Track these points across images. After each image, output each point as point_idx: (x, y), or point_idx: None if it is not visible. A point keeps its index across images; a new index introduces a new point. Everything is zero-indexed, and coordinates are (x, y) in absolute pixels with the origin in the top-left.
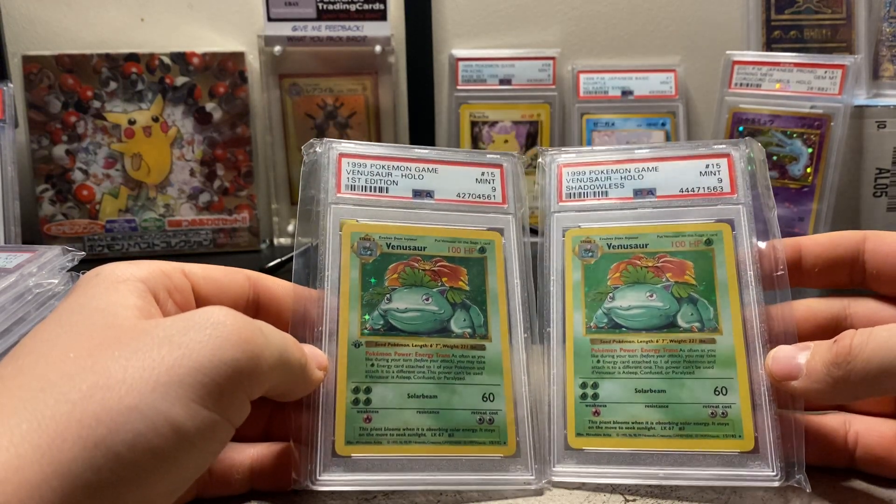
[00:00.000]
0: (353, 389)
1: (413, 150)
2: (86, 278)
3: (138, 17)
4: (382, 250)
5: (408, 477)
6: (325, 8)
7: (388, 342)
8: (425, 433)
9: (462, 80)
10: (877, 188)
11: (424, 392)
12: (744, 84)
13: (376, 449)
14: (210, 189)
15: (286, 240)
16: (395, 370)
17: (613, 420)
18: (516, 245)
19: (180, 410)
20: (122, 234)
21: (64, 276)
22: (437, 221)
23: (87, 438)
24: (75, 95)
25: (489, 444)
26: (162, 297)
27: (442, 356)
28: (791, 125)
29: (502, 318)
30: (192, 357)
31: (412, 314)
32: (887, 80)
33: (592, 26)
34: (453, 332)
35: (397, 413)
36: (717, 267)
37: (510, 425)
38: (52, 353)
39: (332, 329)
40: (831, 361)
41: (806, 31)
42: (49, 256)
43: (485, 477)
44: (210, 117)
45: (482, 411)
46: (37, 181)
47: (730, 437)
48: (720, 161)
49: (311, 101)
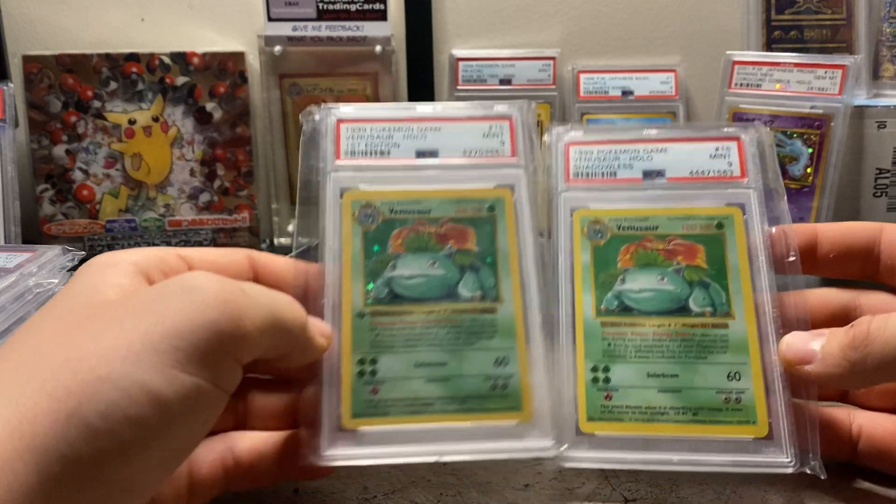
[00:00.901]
0: (359, 361)
1: (415, 109)
2: (80, 268)
3: (138, 16)
4: (385, 216)
5: (417, 448)
6: (325, 8)
7: (393, 311)
8: (434, 403)
9: (462, 80)
10: (877, 188)
11: (433, 360)
12: (744, 84)
13: (384, 421)
14: (210, 189)
15: (286, 240)
16: (401, 339)
17: (626, 405)
18: (528, 201)
19: (156, 377)
20: (122, 234)
21: (64, 276)
22: (441, 182)
23: (59, 411)
24: (75, 95)
25: (503, 410)
26: (156, 278)
27: (451, 322)
28: (791, 125)
29: (514, 280)
30: (167, 323)
31: (418, 280)
32: (887, 80)
33: (592, 26)
34: (462, 297)
35: (405, 383)
36: (729, 251)
37: (525, 390)
38: (32, 337)
39: (335, 301)
40: (848, 345)
41: (806, 31)
42: (49, 256)
43: (499, 445)
44: (210, 117)
45: (495, 376)
46: (37, 181)
47: (744, 422)
48: (730, 144)
49: (311, 101)
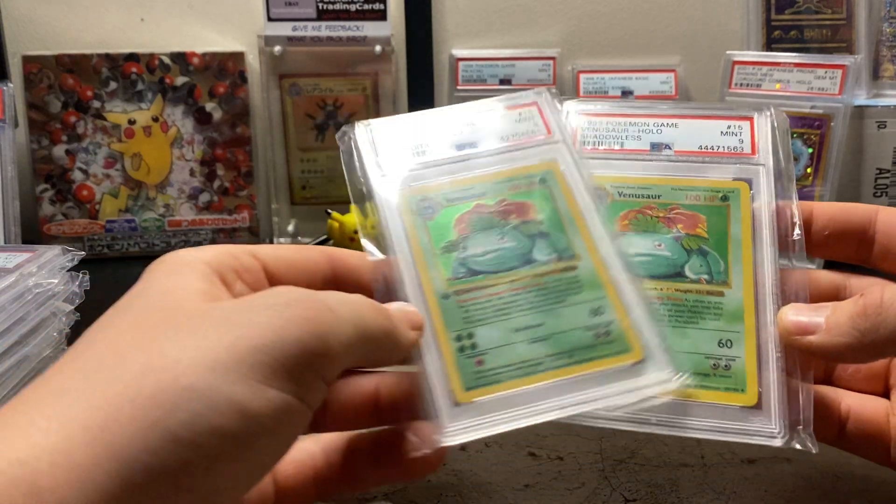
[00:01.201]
0: (456, 338)
1: (445, 111)
2: (151, 266)
3: (138, 16)
4: (443, 206)
5: (537, 407)
6: (325, 8)
7: (476, 286)
8: (543, 360)
9: (462, 80)
10: (877, 188)
11: (529, 323)
12: (744, 84)
13: (497, 388)
14: (210, 189)
15: (286, 240)
16: (491, 310)
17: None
18: (575, 168)
19: (243, 390)
20: (121, 234)
21: (64, 276)
22: (486, 168)
23: (143, 419)
24: (75, 95)
25: (613, 355)
26: (229, 278)
27: (535, 286)
28: (791, 125)
29: (585, 237)
30: (253, 337)
31: (492, 255)
32: (887, 80)
33: (592, 26)
34: (539, 261)
35: (508, 349)
36: (732, 224)
37: (628, 331)
38: (107, 337)
39: (417, 290)
40: (859, 313)
41: (806, 31)
42: (49, 256)
43: (618, 386)
44: (210, 117)
45: (595, 326)
46: (37, 181)
47: (732, 390)
48: (742, 123)
49: (311, 101)
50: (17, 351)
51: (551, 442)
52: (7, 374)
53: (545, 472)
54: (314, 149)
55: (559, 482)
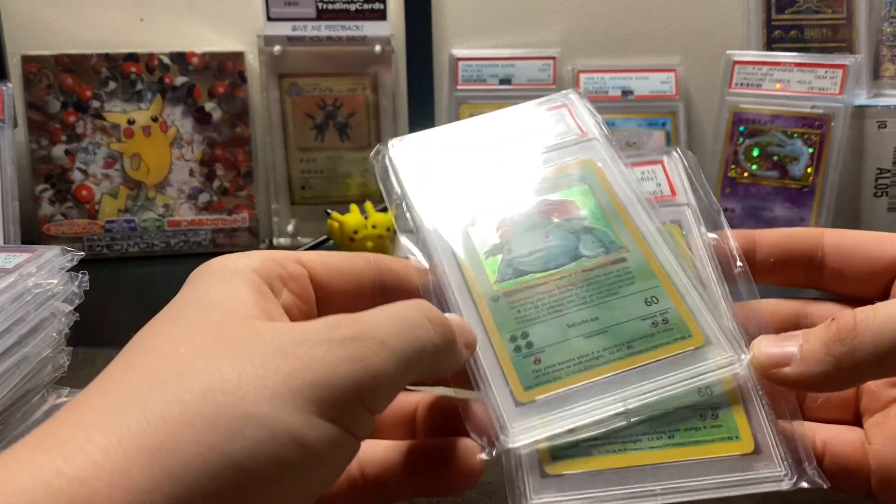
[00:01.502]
0: (510, 339)
1: (479, 121)
2: (197, 271)
3: (138, 16)
4: (483, 210)
5: (601, 400)
6: (324, 8)
7: (525, 286)
8: (602, 354)
9: (462, 80)
10: (877, 188)
11: (583, 318)
12: (744, 84)
13: (558, 385)
14: (209, 189)
15: (286, 240)
16: (544, 309)
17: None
18: (612, 163)
19: (300, 421)
20: (121, 234)
21: (63, 276)
22: (523, 171)
23: (202, 443)
24: (74, 95)
25: (674, 341)
26: (276, 286)
27: (585, 281)
28: (792, 125)
29: (631, 229)
30: (309, 371)
31: (538, 254)
32: (888, 79)
33: (592, 26)
34: (587, 256)
35: (564, 346)
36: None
37: (687, 317)
38: (162, 348)
39: (464, 297)
40: (832, 339)
41: (806, 30)
42: (48, 256)
43: (682, 372)
44: (210, 117)
45: (651, 315)
46: (36, 181)
47: (726, 440)
48: (654, 167)
49: (311, 101)
50: (17, 351)
51: None
52: (7, 374)
53: None
54: (314, 149)
55: None
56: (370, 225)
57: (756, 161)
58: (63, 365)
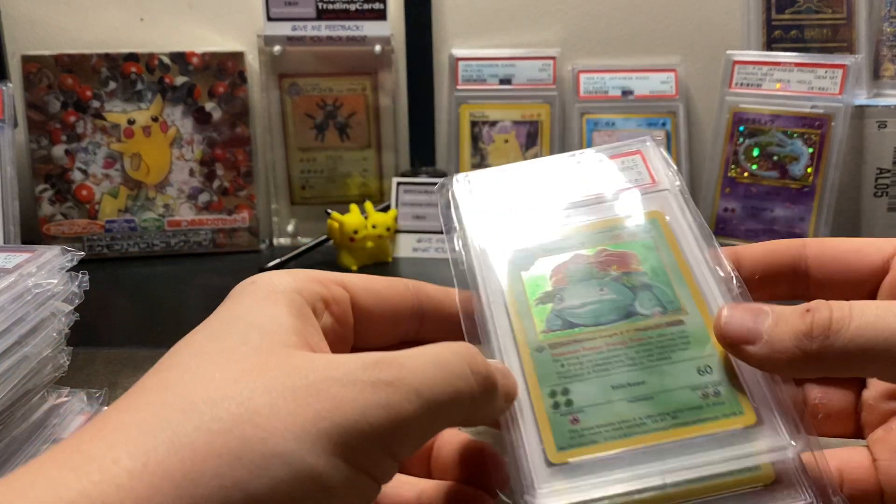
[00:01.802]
0: (550, 394)
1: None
2: (240, 287)
3: (138, 16)
4: (539, 255)
5: (638, 471)
6: (324, 8)
7: (573, 339)
8: (645, 422)
9: (462, 80)
10: (877, 188)
11: (629, 380)
12: (744, 84)
13: (594, 449)
14: (209, 189)
15: (286, 240)
16: (589, 366)
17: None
18: (683, 218)
19: (324, 463)
20: (121, 234)
21: (63, 276)
22: (586, 218)
23: (225, 477)
24: (74, 95)
25: (723, 417)
26: (318, 308)
27: (637, 340)
28: (792, 125)
29: (692, 290)
30: (339, 412)
31: (591, 307)
32: (888, 79)
33: (592, 26)
34: (641, 315)
35: (606, 408)
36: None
37: (740, 392)
38: (198, 370)
39: (508, 343)
40: (805, 333)
41: (806, 30)
42: (48, 256)
43: (728, 452)
44: (209, 117)
45: (702, 385)
46: (36, 181)
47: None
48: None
49: (311, 101)
50: (17, 351)
51: None
52: (7, 374)
53: None
54: (314, 149)
55: None
56: (370, 225)
57: (756, 161)
58: (63, 365)
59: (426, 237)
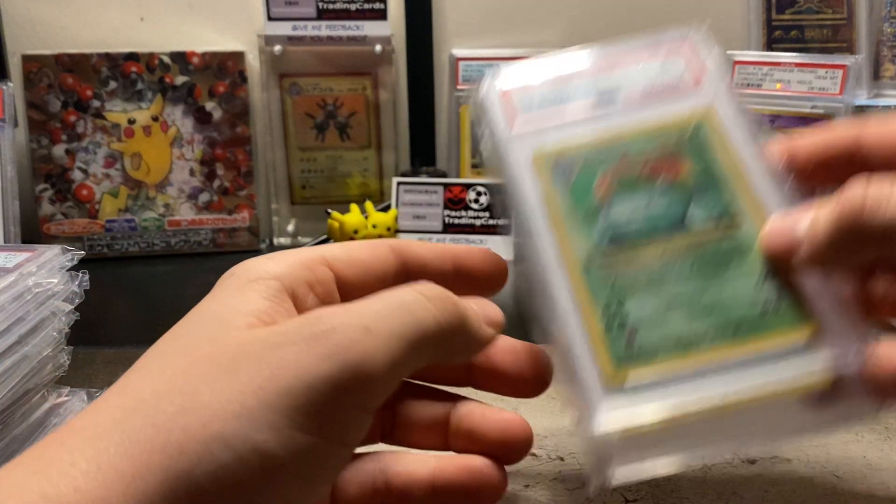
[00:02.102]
0: (604, 309)
1: (585, 56)
2: (222, 277)
3: (138, 16)
4: (582, 165)
5: (700, 393)
6: (325, 7)
7: (623, 255)
8: (703, 337)
9: (462, 80)
10: None
11: (686, 295)
12: (744, 84)
13: (652, 367)
14: (210, 189)
15: (286, 239)
16: (642, 280)
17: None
18: (732, 114)
19: (270, 437)
20: (121, 234)
21: (63, 276)
22: (630, 120)
23: (170, 469)
24: (75, 95)
25: (784, 330)
26: (301, 292)
27: (692, 254)
28: (792, 125)
29: (747, 197)
30: (281, 378)
31: (639, 220)
32: (888, 80)
33: (593, 26)
34: (693, 228)
35: (663, 324)
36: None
37: (801, 302)
38: (154, 367)
39: (554, 261)
40: (836, 219)
41: (807, 31)
42: (48, 256)
43: (794, 367)
44: (210, 117)
45: (762, 297)
46: (36, 181)
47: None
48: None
49: (311, 101)
50: (17, 350)
51: (552, 442)
52: (7, 373)
53: (545, 472)
54: (314, 148)
55: (559, 482)
56: (370, 225)
57: None
58: (63, 364)
59: (426, 237)
